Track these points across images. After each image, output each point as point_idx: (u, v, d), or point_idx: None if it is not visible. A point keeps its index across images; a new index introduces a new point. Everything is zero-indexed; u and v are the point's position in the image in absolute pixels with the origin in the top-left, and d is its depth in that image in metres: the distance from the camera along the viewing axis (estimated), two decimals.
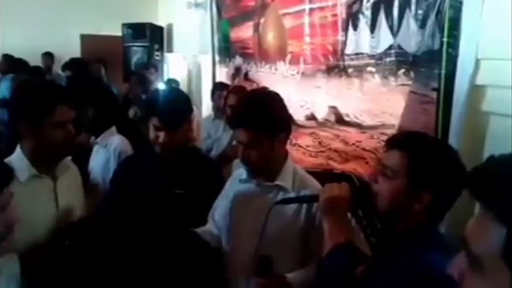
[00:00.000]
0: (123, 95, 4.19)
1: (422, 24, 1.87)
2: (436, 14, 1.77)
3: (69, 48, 5.99)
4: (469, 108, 1.65)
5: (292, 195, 1.43)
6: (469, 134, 1.63)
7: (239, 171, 1.63)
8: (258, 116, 1.39)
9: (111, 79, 5.26)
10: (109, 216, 1.63)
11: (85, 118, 2.35)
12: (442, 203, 1.02)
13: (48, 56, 5.82)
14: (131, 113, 3.38)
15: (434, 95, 1.75)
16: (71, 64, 4.20)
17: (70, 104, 1.46)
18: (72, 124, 1.46)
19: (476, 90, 1.64)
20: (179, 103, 1.74)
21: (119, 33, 6.11)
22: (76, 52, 6.07)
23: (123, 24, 6.06)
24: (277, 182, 1.45)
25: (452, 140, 1.61)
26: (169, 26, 6.25)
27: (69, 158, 1.63)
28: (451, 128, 1.65)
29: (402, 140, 1.10)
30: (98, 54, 5.56)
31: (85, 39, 6.50)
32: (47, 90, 1.48)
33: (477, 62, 1.63)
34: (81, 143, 2.39)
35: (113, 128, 2.39)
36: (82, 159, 2.18)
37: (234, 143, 2.83)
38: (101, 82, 3.60)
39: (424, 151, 1.04)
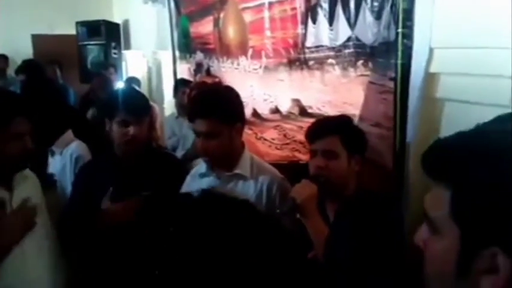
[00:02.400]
0: (81, 98, 4.04)
1: (378, 16, 1.92)
2: (391, 6, 1.82)
3: (20, 49, 5.70)
4: (424, 96, 1.71)
5: (251, 184, 1.48)
6: (426, 120, 1.69)
7: (197, 168, 1.64)
8: (217, 106, 1.45)
9: (67, 80, 5.06)
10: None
11: (40, 125, 2.26)
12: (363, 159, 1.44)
13: (2, 58, 5.49)
14: (89, 114, 3.27)
15: (392, 84, 1.81)
16: (25, 67, 3.98)
17: (27, 115, 1.40)
18: (29, 135, 1.41)
19: (430, 79, 1.70)
20: (140, 96, 1.78)
21: (73, 32, 5.88)
22: (28, 53, 5.78)
23: (77, 23, 5.82)
24: (236, 171, 1.48)
25: (410, 127, 1.68)
26: (126, 23, 6.07)
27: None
28: (408, 116, 1.72)
29: (329, 127, 1.42)
30: (51, 54, 5.32)
31: (37, 39, 6.19)
32: (2, 101, 1.41)
33: (431, 51, 1.70)
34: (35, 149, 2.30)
35: (69, 133, 2.31)
36: (39, 164, 2.10)
37: None
38: (56, 85, 3.44)
39: (348, 128, 1.43)
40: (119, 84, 4.13)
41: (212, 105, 1.44)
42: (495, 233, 0.51)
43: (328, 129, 1.41)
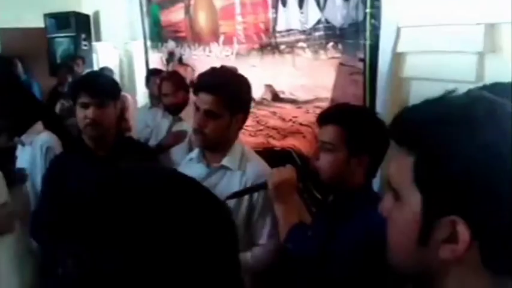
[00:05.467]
0: (49, 90, 3.93)
1: None
2: None
3: None
4: (392, 76, 1.72)
5: (237, 176, 1.43)
6: (394, 100, 1.70)
7: (188, 157, 1.59)
8: (226, 85, 1.36)
9: (35, 74, 4.90)
10: None
11: (4, 120, 2.19)
12: (376, 160, 1.18)
13: None
14: (58, 107, 3.18)
15: (361, 65, 1.81)
16: None
17: None
18: None
19: (398, 58, 1.71)
20: (106, 78, 1.73)
21: (41, 25, 5.68)
22: None
23: (45, 15, 5.63)
24: (223, 163, 1.43)
25: (379, 107, 1.68)
26: (96, 14, 5.90)
27: None
28: (377, 96, 1.72)
29: (334, 115, 1.20)
30: (19, 48, 5.13)
31: (3, 33, 5.97)
32: None
33: (398, 30, 1.70)
34: (2, 146, 2.23)
35: (39, 124, 2.24)
36: (6, 161, 2.04)
37: (174, 129, 2.78)
38: (17, 80, 3.32)
39: (357, 122, 1.17)
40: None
41: (222, 83, 1.36)
42: (455, 201, 0.51)
43: None
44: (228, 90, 1.36)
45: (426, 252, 0.55)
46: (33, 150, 2.14)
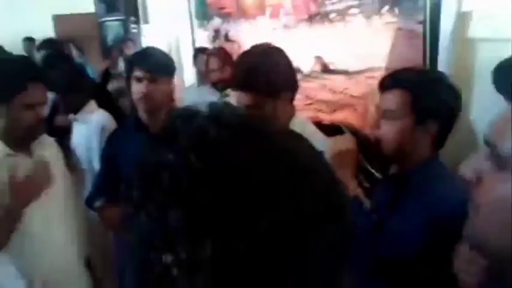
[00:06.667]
0: (102, 72, 4.06)
1: None
2: None
3: (42, 31, 5.74)
4: (457, 37, 1.57)
5: None
6: (458, 63, 1.56)
7: None
8: (256, 79, 1.27)
9: (88, 58, 5.08)
10: None
11: (60, 101, 2.28)
12: (445, 128, 1.06)
13: (29, 41, 5.54)
14: (110, 87, 3.27)
15: (420, 28, 1.67)
16: (44, 44, 4.03)
17: (43, 85, 1.37)
18: (44, 107, 1.39)
19: (463, 18, 1.56)
20: (160, 54, 1.69)
21: (92, 10, 5.87)
22: (50, 34, 5.83)
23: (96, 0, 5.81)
24: None
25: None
26: None
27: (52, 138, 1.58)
28: (439, 59, 1.58)
29: (398, 78, 1.09)
30: (72, 33, 5.34)
31: (58, 20, 6.23)
32: (18, 66, 1.38)
33: None
34: (59, 125, 2.33)
35: (92, 103, 2.31)
36: (63, 140, 2.13)
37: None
38: (71, 60, 3.44)
39: (424, 84, 1.05)
40: None
41: (250, 79, 1.29)
42: None
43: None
44: (261, 83, 1.26)
45: None
46: (88, 129, 2.22)
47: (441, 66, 1.59)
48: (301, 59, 2.57)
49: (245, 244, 0.31)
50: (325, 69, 2.36)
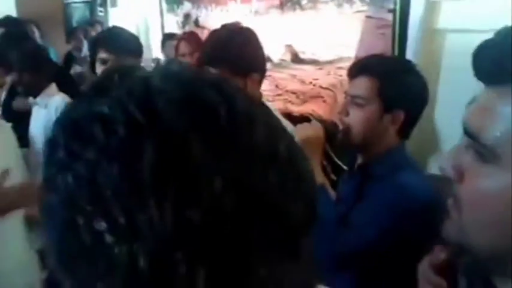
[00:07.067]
0: (65, 55, 3.88)
1: None
2: None
3: (3, 12, 5.44)
4: (425, 28, 1.58)
5: None
6: (426, 53, 1.57)
7: None
8: (226, 54, 1.22)
9: (51, 40, 4.86)
10: None
11: (19, 81, 2.16)
12: (412, 118, 1.06)
13: None
14: (73, 70, 3.13)
15: (390, 17, 1.67)
16: (3, 21, 3.81)
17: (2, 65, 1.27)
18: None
19: (431, 7, 1.56)
20: (128, 33, 1.63)
21: None
22: (11, 14, 5.53)
23: None
24: None
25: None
26: None
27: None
28: (407, 49, 1.59)
29: (366, 65, 1.08)
30: (36, 15, 5.07)
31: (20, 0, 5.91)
32: None
33: None
34: (18, 108, 2.21)
35: (53, 86, 2.20)
36: (22, 123, 2.02)
37: None
38: (32, 40, 3.27)
39: (392, 72, 1.05)
40: None
41: (221, 54, 1.24)
42: None
43: None
44: (231, 60, 1.22)
45: None
46: (49, 113, 2.11)
47: (409, 56, 1.59)
48: (272, 47, 2.54)
49: (197, 205, 0.27)
50: (296, 58, 2.34)
